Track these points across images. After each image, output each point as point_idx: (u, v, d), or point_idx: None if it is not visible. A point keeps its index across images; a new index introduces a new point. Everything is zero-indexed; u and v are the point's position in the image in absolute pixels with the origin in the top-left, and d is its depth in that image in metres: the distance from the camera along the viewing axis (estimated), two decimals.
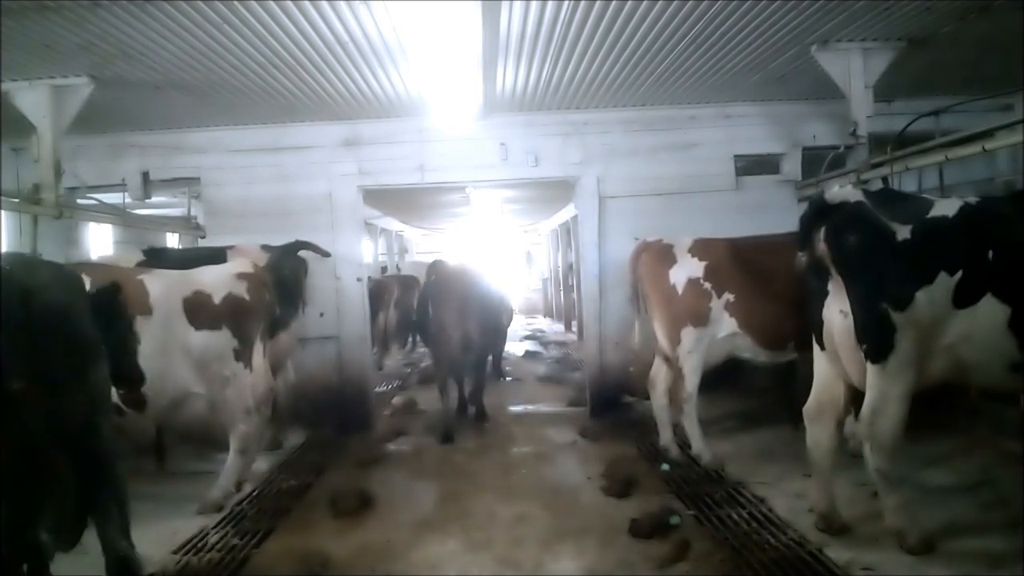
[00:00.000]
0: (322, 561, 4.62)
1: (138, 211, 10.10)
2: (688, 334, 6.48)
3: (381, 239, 19.53)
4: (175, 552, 4.87)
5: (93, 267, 6.19)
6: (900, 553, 4.29)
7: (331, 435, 7.94)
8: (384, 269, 18.12)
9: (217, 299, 5.75)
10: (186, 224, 9.19)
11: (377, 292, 12.38)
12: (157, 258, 7.48)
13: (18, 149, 8.13)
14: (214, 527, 5.33)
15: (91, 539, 4.99)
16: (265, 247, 7.55)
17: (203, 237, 8.81)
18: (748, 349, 6.53)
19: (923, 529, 4.38)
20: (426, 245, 26.74)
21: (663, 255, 6.73)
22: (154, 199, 9.74)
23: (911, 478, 5.09)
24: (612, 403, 8.72)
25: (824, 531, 4.71)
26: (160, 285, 5.69)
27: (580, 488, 6.07)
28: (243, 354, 5.80)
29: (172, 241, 11.91)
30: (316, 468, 6.82)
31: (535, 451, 7.32)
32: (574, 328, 16.47)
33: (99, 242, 11.94)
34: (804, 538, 4.68)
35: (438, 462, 6.99)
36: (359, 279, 8.80)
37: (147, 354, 5.43)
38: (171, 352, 5.57)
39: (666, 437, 6.78)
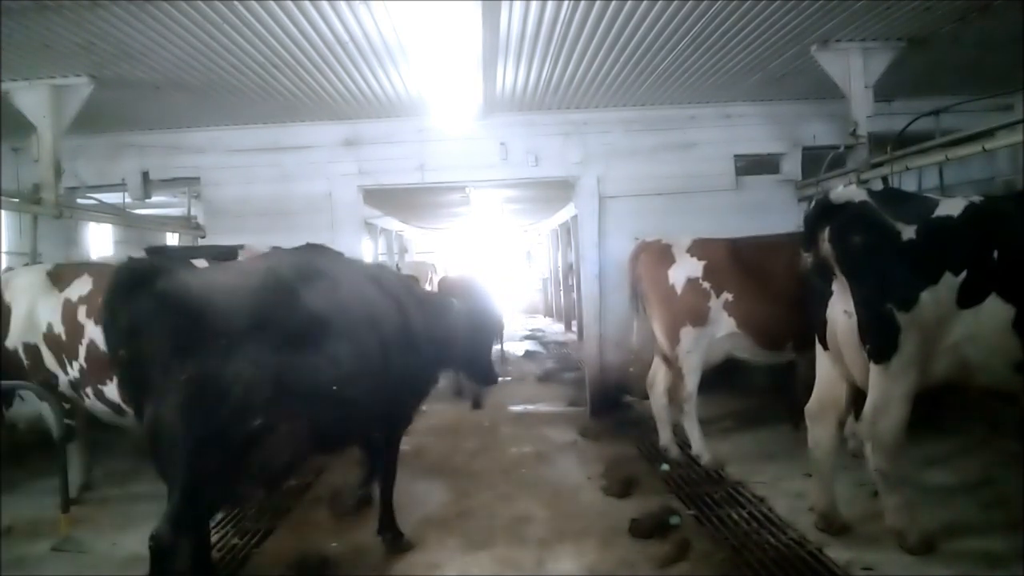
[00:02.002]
0: (322, 561, 4.62)
1: (138, 211, 10.10)
2: (687, 334, 6.48)
3: (381, 239, 19.53)
4: None
5: (100, 267, 6.23)
6: (900, 553, 4.29)
7: None
8: None
9: None
10: (186, 224, 9.20)
11: None
12: (169, 256, 7.38)
13: (18, 149, 8.14)
14: (214, 527, 5.32)
15: (87, 537, 5.02)
16: (276, 249, 7.48)
17: (203, 237, 8.81)
18: (747, 349, 6.53)
19: (923, 529, 4.37)
20: (426, 245, 26.75)
21: (662, 255, 6.73)
22: (154, 199, 9.75)
23: (911, 478, 5.09)
24: (612, 403, 8.71)
25: (824, 531, 4.71)
26: None
27: (580, 488, 6.06)
28: None
29: (172, 241, 11.90)
30: (316, 468, 6.81)
31: (535, 451, 7.31)
32: (574, 328, 16.47)
33: (99, 242, 11.95)
34: (804, 538, 4.68)
35: (438, 462, 6.98)
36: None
37: None
38: None
39: (666, 437, 6.78)
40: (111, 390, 5.50)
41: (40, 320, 5.67)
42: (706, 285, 6.49)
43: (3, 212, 7.83)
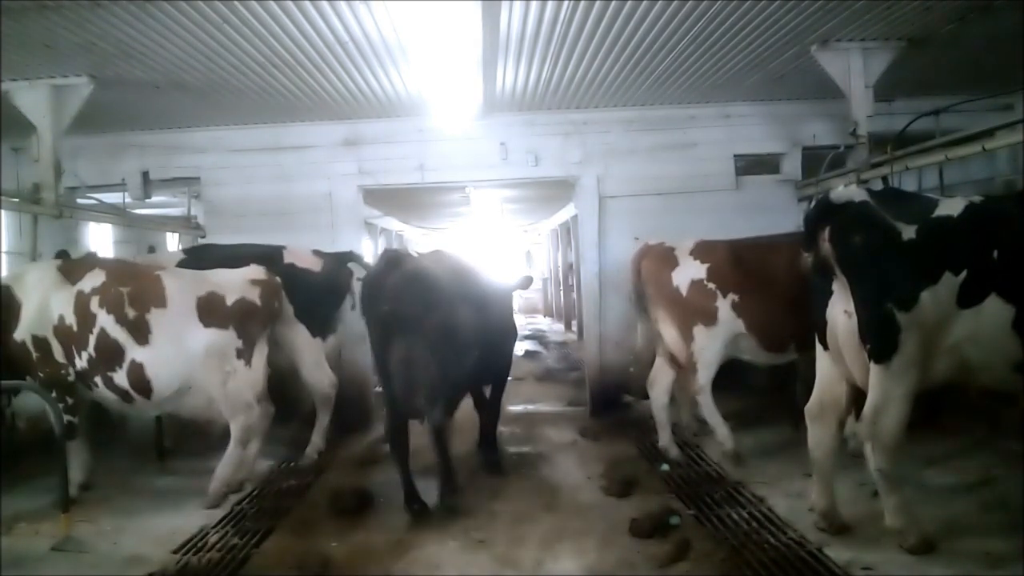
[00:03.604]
0: (322, 561, 4.62)
1: (138, 211, 10.10)
2: (700, 332, 6.45)
3: (381, 239, 19.52)
4: (175, 552, 4.86)
5: (112, 262, 6.35)
6: (900, 553, 4.29)
7: (331, 435, 7.92)
8: None
9: (229, 301, 5.97)
10: (186, 224, 9.19)
11: None
12: (209, 255, 7.32)
13: (18, 149, 8.13)
14: (214, 527, 5.32)
15: (87, 537, 5.02)
16: (317, 252, 7.56)
17: (203, 237, 8.81)
18: (750, 351, 6.52)
19: (923, 529, 4.37)
20: (426, 245, 26.70)
21: (665, 258, 6.70)
22: (154, 199, 9.75)
23: (911, 478, 5.09)
24: (612, 403, 8.71)
25: (824, 531, 4.71)
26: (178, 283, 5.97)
27: (580, 488, 6.07)
28: (245, 353, 5.98)
29: (172, 241, 11.89)
30: (316, 468, 6.81)
31: (535, 451, 7.31)
32: (574, 328, 16.46)
33: (99, 242, 11.95)
34: (804, 538, 4.68)
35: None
36: (359, 279, 8.79)
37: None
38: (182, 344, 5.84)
39: (665, 438, 6.78)
40: (120, 377, 5.71)
41: (52, 313, 5.78)
42: (711, 286, 6.48)
43: (3, 212, 7.82)
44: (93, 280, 5.88)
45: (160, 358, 5.75)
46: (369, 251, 16.35)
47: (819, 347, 4.79)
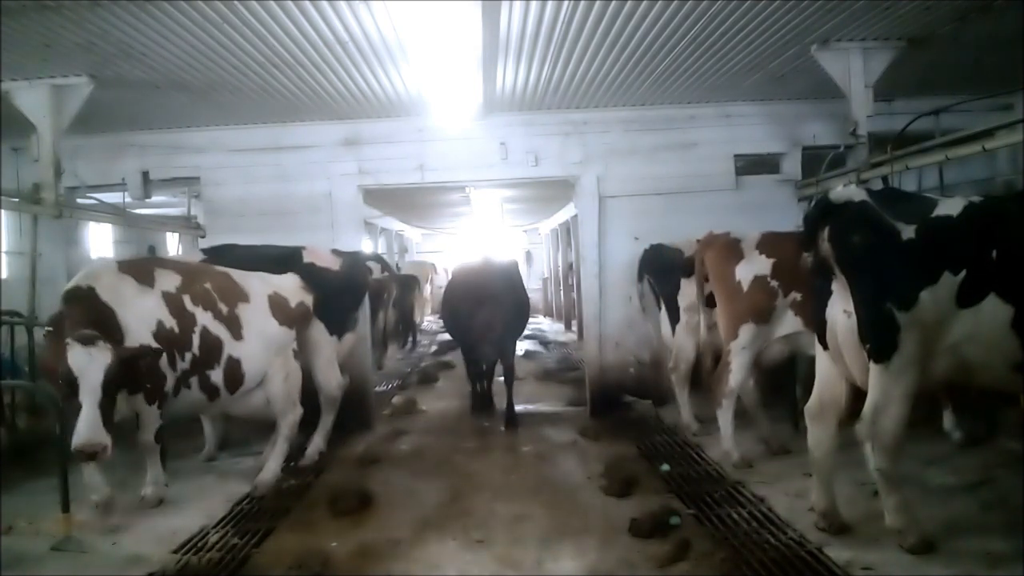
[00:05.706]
0: (322, 561, 4.62)
1: (138, 211, 10.10)
2: (746, 331, 6.31)
3: (381, 239, 19.54)
4: (175, 552, 4.86)
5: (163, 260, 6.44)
6: (900, 553, 4.29)
7: (331, 435, 7.93)
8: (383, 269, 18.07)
9: (293, 303, 6.47)
10: (186, 224, 9.20)
11: (376, 292, 12.35)
12: (230, 255, 7.19)
13: (18, 149, 8.13)
14: (214, 527, 5.32)
15: (87, 537, 5.02)
16: (336, 252, 7.62)
17: (203, 236, 8.81)
18: (812, 345, 6.37)
19: (923, 529, 4.37)
20: (426, 244, 26.76)
21: (730, 250, 6.51)
22: (154, 199, 9.76)
23: (911, 478, 5.09)
24: (612, 403, 8.72)
25: (824, 530, 4.70)
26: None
27: (580, 488, 6.07)
28: (298, 354, 6.51)
29: (172, 241, 11.90)
30: (316, 468, 6.82)
31: (535, 451, 7.32)
32: (574, 328, 16.47)
33: (99, 242, 11.96)
34: (804, 537, 4.68)
35: (438, 462, 6.98)
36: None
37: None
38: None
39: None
40: (217, 374, 5.81)
41: (148, 319, 5.46)
42: (774, 284, 6.28)
43: (3, 212, 7.83)
44: (171, 280, 5.73)
45: (251, 352, 6.00)
46: (369, 251, 16.38)
47: (818, 347, 4.80)
